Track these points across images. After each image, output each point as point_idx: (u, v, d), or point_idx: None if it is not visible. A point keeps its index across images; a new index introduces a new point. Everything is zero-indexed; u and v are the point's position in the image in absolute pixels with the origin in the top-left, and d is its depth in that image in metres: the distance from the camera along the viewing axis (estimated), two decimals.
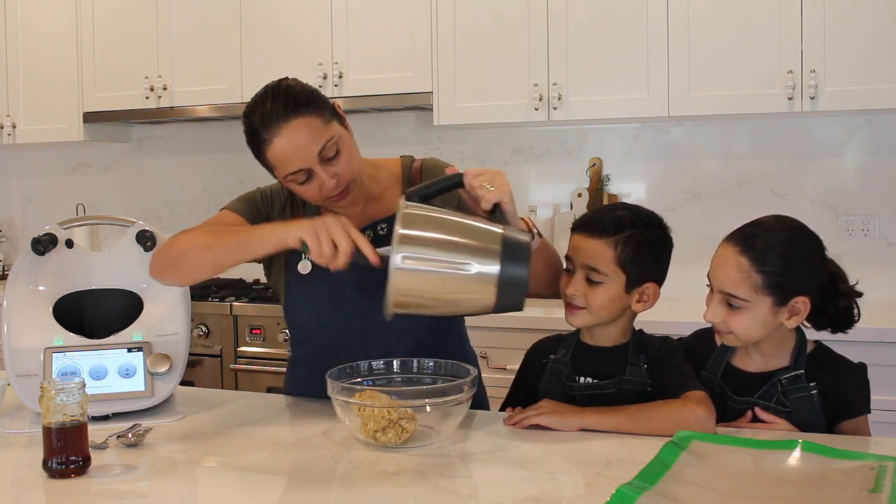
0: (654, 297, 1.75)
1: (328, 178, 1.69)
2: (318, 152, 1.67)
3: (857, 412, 1.66)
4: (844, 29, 2.90)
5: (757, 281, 1.60)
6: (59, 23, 4.01)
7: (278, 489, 1.44)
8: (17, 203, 4.67)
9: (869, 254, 3.22)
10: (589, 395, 1.74)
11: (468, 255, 1.50)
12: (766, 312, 1.62)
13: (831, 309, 1.68)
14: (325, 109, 1.71)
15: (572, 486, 1.43)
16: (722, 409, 1.67)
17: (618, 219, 1.71)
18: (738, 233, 1.67)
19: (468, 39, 3.36)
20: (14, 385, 1.78)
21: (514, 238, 1.53)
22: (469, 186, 1.60)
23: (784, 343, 1.69)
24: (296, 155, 1.67)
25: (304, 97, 1.69)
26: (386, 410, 1.54)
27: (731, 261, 1.63)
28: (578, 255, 1.73)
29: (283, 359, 3.34)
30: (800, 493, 1.33)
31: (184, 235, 1.74)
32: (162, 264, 1.76)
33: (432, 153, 3.70)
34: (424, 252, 1.49)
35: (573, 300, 1.73)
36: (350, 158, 1.73)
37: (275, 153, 1.68)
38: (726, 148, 3.42)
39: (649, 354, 1.74)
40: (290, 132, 1.66)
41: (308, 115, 1.67)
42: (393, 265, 1.48)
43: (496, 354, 3.02)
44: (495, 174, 1.60)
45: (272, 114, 1.66)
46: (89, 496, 1.41)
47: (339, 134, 1.72)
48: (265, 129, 1.67)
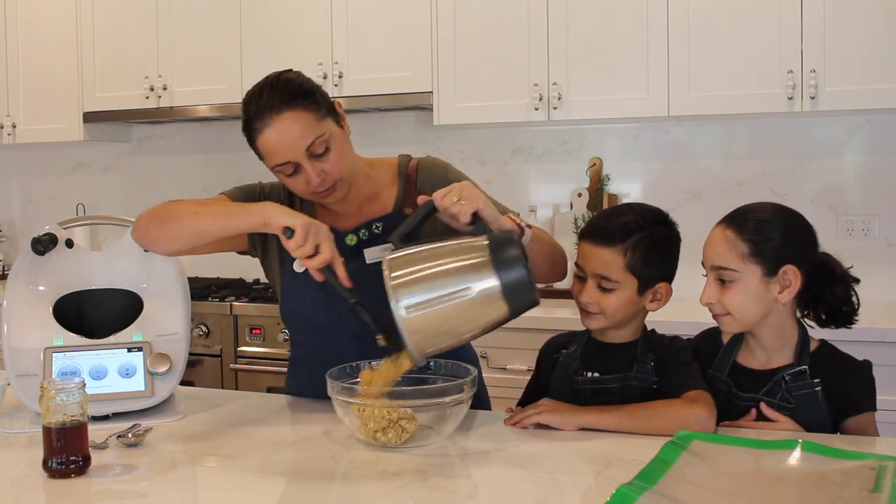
0: (668, 295, 1.76)
1: (315, 174, 1.71)
2: (306, 147, 1.69)
3: (862, 409, 1.66)
4: (844, 29, 2.90)
5: (743, 249, 1.63)
6: (59, 23, 4.01)
7: (278, 489, 1.44)
8: (17, 203, 4.67)
9: (869, 254, 3.22)
10: (593, 390, 1.75)
11: (464, 279, 1.48)
12: (756, 283, 1.63)
13: (829, 297, 1.68)
14: (321, 105, 1.72)
15: (572, 485, 1.43)
16: (727, 407, 1.68)
17: (624, 224, 1.71)
18: (726, 215, 1.71)
19: (468, 39, 3.36)
20: (14, 385, 1.78)
21: (499, 242, 1.52)
22: (441, 208, 1.60)
23: (787, 338, 1.69)
24: (284, 147, 1.69)
25: (300, 91, 1.71)
26: (386, 410, 1.54)
27: (718, 236, 1.67)
28: (588, 264, 1.73)
29: (283, 359, 3.34)
30: (800, 493, 1.33)
31: (174, 201, 1.77)
32: (147, 224, 1.78)
33: (432, 153, 3.69)
34: (421, 293, 1.48)
35: (587, 307, 1.74)
36: (340, 157, 1.74)
37: (264, 143, 1.70)
38: (726, 148, 3.42)
39: (657, 353, 1.74)
40: (280, 124, 1.68)
41: (300, 110, 1.69)
42: (398, 316, 1.47)
43: (496, 354, 3.02)
44: (462, 187, 1.60)
45: (266, 104, 1.69)
46: (89, 496, 1.41)
47: (332, 132, 1.73)
48: (258, 119, 1.70)
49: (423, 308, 1.47)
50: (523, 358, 2.88)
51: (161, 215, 1.76)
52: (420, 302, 1.48)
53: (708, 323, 1.86)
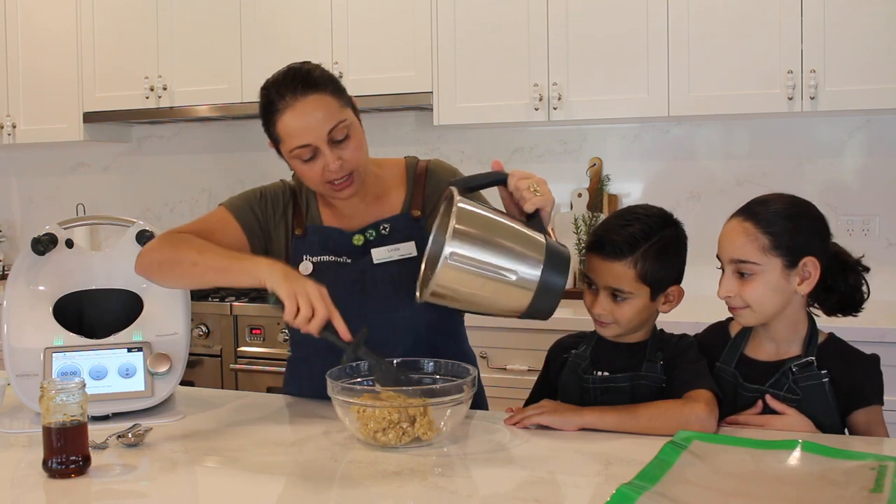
0: (679, 297, 1.77)
1: (333, 159, 1.71)
2: (328, 131, 1.70)
3: (869, 401, 1.66)
4: (844, 29, 2.90)
5: (764, 242, 1.63)
6: (59, 23, 4.01)
7: (278, 489, 1.44)
8: (17, 203, 4.67)
9: (869, 254, 3.17)
10: (603, 389, 1.75)
11: (513, 262, 1.54)
12: (777, 276, 1.63)
13: (841, 286, 1.69)
14: (342, 94, 1.75)
15: (572, 485, 1.43)
16: (734, 399, 1.68)
17: (630, 236, 1.71)
18: (740, 208, 1.71)
19: (468, 39, 3.36)
20: (14, 385, 1.78)
21: (556, 250, 1.56)
22: (514, 188, 1.62)
23: (797, 329, 1.69)
24: (306, 129, 1.69)
25: (324, 78, 1.74)
26: (387, 411, 1.54)
27: (736, 229, 1.66)
28: (599, 278, 1.73)
29: (283, 359, 3.32)
30: (800, 493, 1.33)
31: (175, 242, 1.75)
32: (147, 265, 1.78)
33: (432, 153, 3.70)
34: (474, 251, 1.53)
35: (601, 319, 1.74)
36: (358, 146, 1.75)
37: (285, 125, 1.70)
38: (726, 148, 3.42)
39: (666, 351, 1.74)
40: (303, 106, 1.69)
41: (324, 94, 1.71)
42: (442, 256, 1.51)
43: (496, 354, 3.02)
44: (541, 181, 1.62)
45: (290, 86, 1.70)
46: (89, 496, 1.41)
47: (352, 120, 1.75)
48: (280, 100, 1.70)
49: (465, 264, 1.52)
50: (523, 358, 2.88)
51: (158, 260, 1.76)
52: (467, 257, 1.52)
53: (709, 322, 1.86)
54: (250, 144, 4.02)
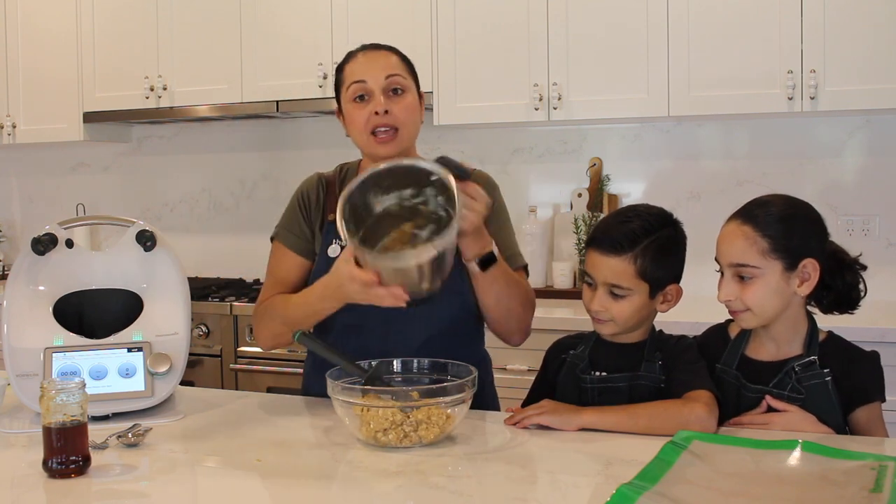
0: (678, 296, 1.77)
1: (382, 103, 1.80)
2: (385, 76, 1.82)
3: (871, 398, 1.67)
4: (844, 29, 2.90)
5: (764, 245, 1.63)
6: (59, 23, 4.01)
7: (278, 489, 1.44)
8: (17, 203, 4.67)
9: (869, 254, 3.17)
10: (601, 389, 1.75)
11: None
12: (777, 278, 1.63)
13: (839, 284, 1.69)
14: (408, 64, 1.88)
15: (572, 485, 1.43)
16: (737, 400, 1.68)
17: (631, 232, 1.71)
18: (738, 211, 1.70)
19: (468, 39, 3.36)
20: (14, 385, 1.78)
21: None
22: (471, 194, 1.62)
23: (797, 329, 1.69)
24: (367, 70, 1.83)
25: (392, 46, 1.89)
26: (388, 411, 1.54)
27: (735, 232, 1.66)
28: (598, 273, 1.73)
29: (284, 359, 3.35)
30: (800, 493, 1.33)
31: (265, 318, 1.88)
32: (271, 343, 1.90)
33: (433, 153, 3.69)
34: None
35: (599, 315, 1.74)
36: (410, 109, 1.84)
37: (351, 66, 1.86)
38: (726, 148, 3.42)
39: (664, 352, 1.74)
40: (373, 53, 1.86)
41: (395, 55, 1.87)
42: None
43: (496, 354, 2.99)
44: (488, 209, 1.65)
45: (368, 45, 1.89)
46: (89, 496, 1.41)
47: (411, 86, 1.86)
48: (357, 50, 1.88)
49: None
50: (523, 358, 2.88)
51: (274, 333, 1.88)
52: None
53: (708, 323, 1.86)
54: (250, 144, 4.02)
